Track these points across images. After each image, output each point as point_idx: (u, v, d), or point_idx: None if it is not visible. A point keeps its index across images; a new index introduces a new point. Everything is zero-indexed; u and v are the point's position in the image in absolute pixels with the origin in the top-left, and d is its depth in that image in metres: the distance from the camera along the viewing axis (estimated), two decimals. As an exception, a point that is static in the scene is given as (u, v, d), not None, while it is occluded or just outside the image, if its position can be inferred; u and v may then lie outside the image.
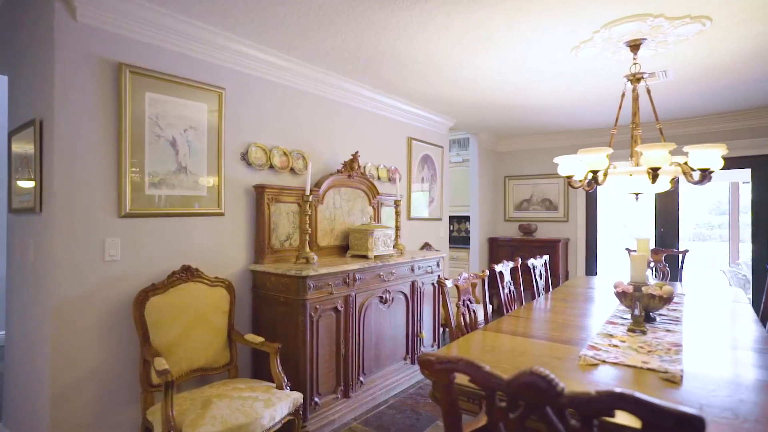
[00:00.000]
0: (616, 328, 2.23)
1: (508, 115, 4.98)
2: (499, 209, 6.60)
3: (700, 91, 4.02)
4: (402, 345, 3.57)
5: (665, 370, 1.63)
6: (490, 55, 3.15)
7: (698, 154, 2.32)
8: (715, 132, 4.97)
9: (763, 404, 1.38)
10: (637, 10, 2.47)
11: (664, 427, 0.76)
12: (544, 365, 1.75)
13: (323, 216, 3.47)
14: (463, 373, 0.98)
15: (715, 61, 3.24)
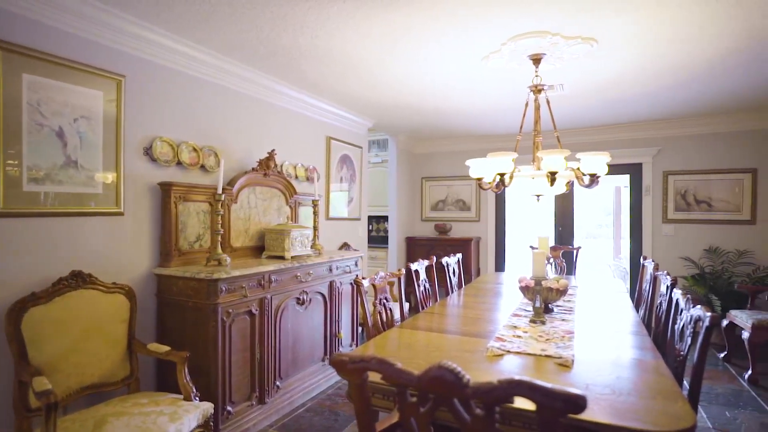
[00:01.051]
0: (520, 320, 2.41)
1: (425, 119, 5.16)
2: (416, 209, 6.81)
3: (590, 104, 4.49)
4: (320, 346, 3.53)
5: (560, 356, 1.79)
6: (408, 59, 3.23)
7: (588, 160, 2.59)
8: (602, 141, 5.58)
9: (635, 379, 1.58)
10: (539, 28, 2.69)
11: (554, 407, 0.83)
12: (456, 358, 1.84)
13: (237, 216, 3.32)
14: (376, 371, 0.99)
15: (601, 78, 3.63)
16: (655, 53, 3.10)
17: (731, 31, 2.73)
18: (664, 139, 5.36)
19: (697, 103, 4.47)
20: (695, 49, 3.03)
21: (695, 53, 3.10)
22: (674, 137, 5.32)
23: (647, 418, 1.29)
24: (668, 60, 3.23)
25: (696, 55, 3.14)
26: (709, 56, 3.16)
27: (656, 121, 5.23)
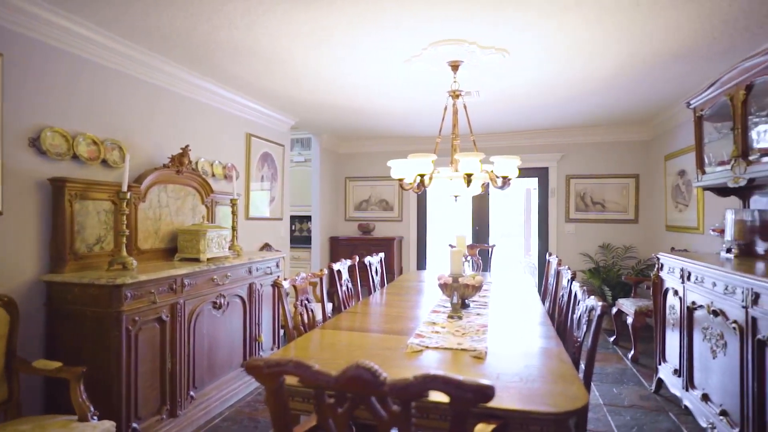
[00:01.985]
0: (439, 316, 2.50)
1: (349, 118, 5.16)
2: (339, 209, 6.79)
3: (503, 111, 4.79)
4: (239, 351, 3.39)
5: (474, 349, 1.89)
6: (331, 59, 3.21)
7: (501, 163, 2.76)
8: (514, 146, 5.98)
9: (540, 366, 1.72)
10: (458, 36, 2.81)
11: (465, 398, 0.87)
12: (377, 356, 1.86)
13: (146, 216, 3.07)
14: (293, 374, 0.97)
15: (513, 87, 3.90)
16: (559, 67, 3.39)
17: (620, 53, 3.07)
18: (567, 145, 5.89)
19: (594, 115, 4.96)
20: (592, 67, 3.36)
21: (592, 70, 3.44)
22: (576, 144, 5.86)
23: (549, 400, 1.40)
24: (570, 74, 3.55)
25: (593, 72, 3.49)
26: (603, 74, 3.52)
27: (561, 128, 5.73)
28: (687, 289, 2.89)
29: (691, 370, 2.86)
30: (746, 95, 2.46)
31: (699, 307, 2.71)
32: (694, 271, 2.79)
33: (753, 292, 2.14)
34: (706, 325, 2.62)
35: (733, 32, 2.73)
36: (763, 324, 2.07)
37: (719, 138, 2.91)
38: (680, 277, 3.00)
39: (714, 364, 2.54)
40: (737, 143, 2.55)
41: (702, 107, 3.05)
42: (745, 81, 2.45)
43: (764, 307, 2.05)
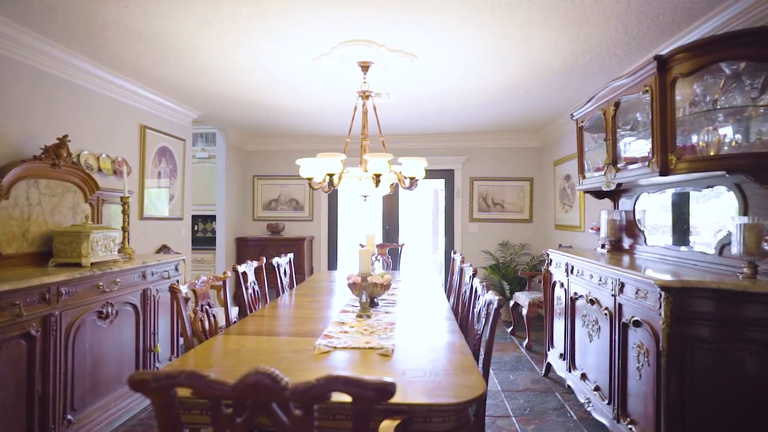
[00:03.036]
0: (348, 316, 2.50)
1: (257, 114, 4.97)
2: (247, 208, 6.51)
3: (412, 113, 4.95)
4: (131, 364, 3.08)
5: (381, 347, 1.92)
6: (239, 50, 3.06)
7: (408, 164, 2.84)
8: (423, 148, 6.21)
9: (443, 360, 1.80)
10: (369, 37, 2.84)
11: (367, 397, 0.88)
12: (283, 360, 1.81)
13: (9, 215, 2.66)
14: (186, 386, 0.90)
15: (421, 91, 4.04)
16: (464, 75, 3.59)
17: (517, 66, 3.33)
18: (471, 149, 6.26)
19: (495, 121, 5.33)
20: (493, 77, 3.61)
21: (493, 80, 3.69)
22: (479, 148, 6.25)
23: (450, 392, 1.47)
24: (474, 83, 3.78)
25: (494, 82, 3.75)
26: (502, 85, 3.80)
27: (466, 133, 6.07)
28: (570, 281, 3.23)
29: (573, 353, 3.20)
30: (615, 111, 2.82)
31: (580, 297, 3.04)
32: (576, 265, 3.13)
33: (620, 282, 2.45)
34: (585, 313, 2.95)
35: (605, 55, 3.11)
36: (627, 309, 2.38)
37: (596, 147, 3.29)
38: (565, 270, 3.34)
39: (591, 347, 2.86)
40: (609, 152, 2.90)
41: (582, 119, 3.43)
42: (614, 98, 2.80)
43: (628, 295, 2.36)
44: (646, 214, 3.24)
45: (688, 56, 2.18)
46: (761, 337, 1.88)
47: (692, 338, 1.98)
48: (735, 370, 1.93)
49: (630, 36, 2.80)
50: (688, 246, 2.73)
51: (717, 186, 2.50)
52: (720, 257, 2.41)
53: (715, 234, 2.50)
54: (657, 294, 2.06)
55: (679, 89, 2.29)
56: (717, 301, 1.94)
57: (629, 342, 2.36)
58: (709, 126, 2.26)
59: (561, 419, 2.99)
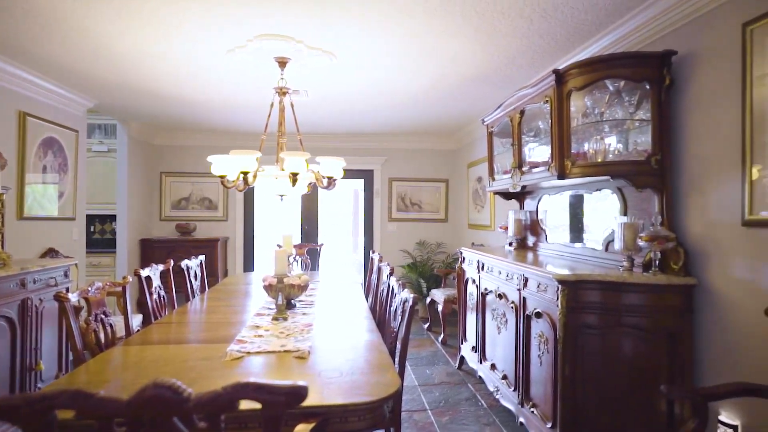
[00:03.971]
0: (263, 319, 2.42)
1: (165, 106, 4.61)
2: (154, 207, 6.03)
3: (332, 113, 4.92)
4: (3, 388, 2.69)
5: (297, 349, 1.88)
6: (144, 35, 2.81)
7: (326, 164, 2.82)
8: (342, 147, 6.20)
9: (359, 359, 1.81)
10: (287, 32, 2.76)
11: (278, 402, 0.85)
12: (191, 369, 1.70)
13: None
14: (69, 408, 0.80)
15: (341, 90, 4.03)
16: (382, 77, 3.64)
17: (433, 71, 3.45)
18: (390, 150, 6.37)
19: (413, 123, 5.48)
20: (412, 80, 3.70)
21: (411, 83, 3.79)
22: (397, 149, 6.38)
23: (366, 391, 1.48)
24: (392, 85, 3.85)
25: (413, 85, 3.85)
26: (419, 88, 3.91)
27: (385, 134, 6.17)
28: (482, 278, 3.43)
29: (483, 345, 3.40)
30: (521, 118, 3.05)
31: (490, 293, 3.24)
32: (486, 263, 3.32)
33: (524, 277, 2.65)
34: (495, 307, 3.15)
35: (512, 66, 3.34)
36: (530, 302, 2.58)
37: (504, 151, 3.53)
38: (477, 268, 3.53)
39: (499, 339, 3.06)
40: (515, 156, 3.13)
41: (492, 125, 3.65)
42: (520, 106, 3.02)
43: (531, 289, 2.56)
44: (547, 214, 3.53)
45: (580, 72, 2.42)
46: (635, 322, 2.15)
47: (583, 325, 2.20)
48: (616, 351, 2.18)
49: (533, 50, 3.04)
50: (582, 243, 3.03)
51: (604, 189, 2.81)
52: (606, 253, 2.70)
53: (603, 232, 2.80)
54: (555, 287, 2.26)
55: (574, 101, 2.53)
56: (602, 292, 2.18)
57: (532, 332, 2.57)
58: (598, 135, 2.53)
59: (473, 408, 3.15)
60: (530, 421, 2.56)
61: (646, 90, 2.34)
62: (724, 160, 2.05)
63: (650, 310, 2.15)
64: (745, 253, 1.96)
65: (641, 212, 2.47)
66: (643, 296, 2.15)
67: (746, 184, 1.93)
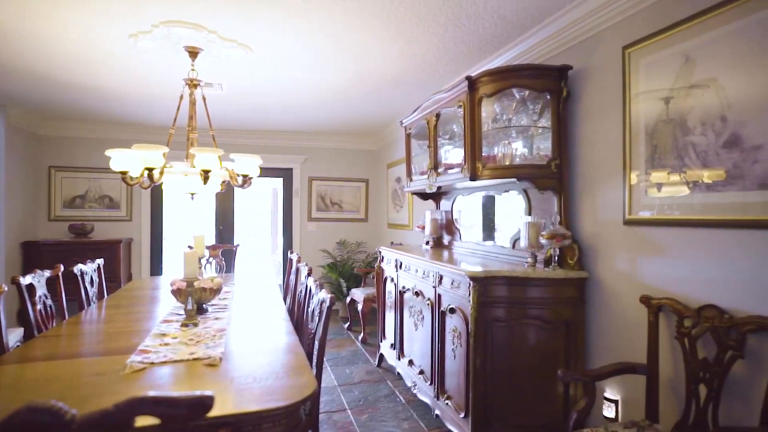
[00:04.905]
0: (170, 326, 2.25)
1: (54, 92, 4.11)
2: (41, 206, 5.35)
3: (249, 108, 4.72)
4: None
5: (208, 356, 1.78)
6: (28, 11, 2.47)
7: (241, 161, 2.70)
8: (260, 145, 5.99)
9: (275, 363, 1.75)
10: (197, 20, 2.59)
11: (179, 416, 0.80)
12: (82, 386, 1.53)
13: None
14: None
15: (258, 85, 3.88)
16: (302, 74, 3.57)
17: (353, 71, 3.46)
18: (310, 149, 6.28)
19: (333, 122, 5.45)
20: (330, 79, 3.67)
21: (330, 82, 3.76)
22: (317, 148, 6.31)
23: (280, 395, 1.44)
24: (312, 83, 3.79)
25: (331, 84, 3.82)
26: (338, 87, 3.90)
27: (305, 132, 6.06)
28: (400, 276, 3.50)
29: (402, 342, 3.48)
30: (436, 121, 3.16)
31: (407, 290, 3.32)
32: (404, 261, 3.41)
33: (439, 274, 2.76)
34: (412, 305, 3.24)
35: (429, 69, 3.46)
36: (445, 298, 2.69)
37: (421, 153, 3.64)
38: (395, 266, 3.60)
39: (416, 335, 3.15)
40: (431, 158, 3.24)
41: (410, 126, 3.75)
42: (436, 110, 3.14)
43: (445, 286, 2.68)
44: (461, 214, 3.71)
45: (490, 80, 2.57)
46: (538, 314, 2.33)
47: (493, 319, 2.34)
48: (522, 342, 2.35)
49: (449, 56, 3.17)
50: (493, 241, 3.23)
51: (512, 190, 3.01)
52: (513, 250, 2.90)
53: (512, 231, 3.00)
54: (467, 284, 2.37)
55: (484, 107, 2.68)
56: (509, 287, 2.34)
57: (447, 327, 2.68)
58: (506, 140, 2.71)
59: (391, 404, 3.21)
60: (445, 413, 2.67)
61: (547, 100, 2.55)
62: (610, 166, 2.30)
63: (551, 302, 2.34)
64: (625, 248, 2.21)
65: (543, 212, 2.69)
66: (545, 289, 2.34)
67: (627, 187, 2.18)
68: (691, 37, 1.87)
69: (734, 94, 1.71)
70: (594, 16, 2.35)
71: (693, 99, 1.86)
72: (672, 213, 1.95)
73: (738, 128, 1.69)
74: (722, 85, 1.75)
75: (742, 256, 1.70)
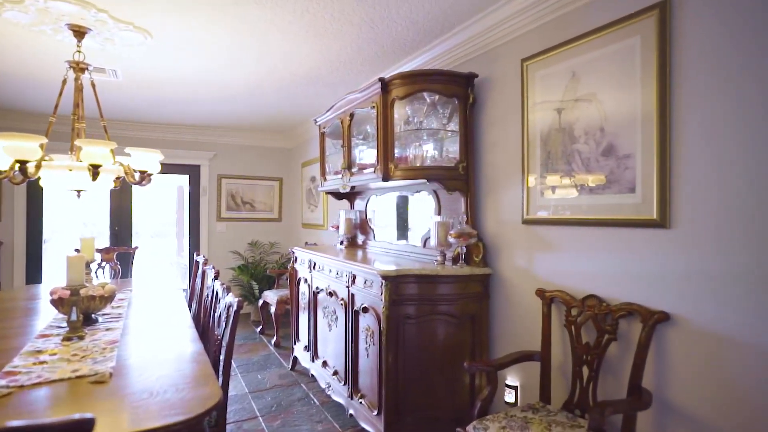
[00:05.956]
0: (49, 341, 1.99)
1: None
2: None
3: (148, 99, 4.34)
4: None
5: (95, 372, 1.59)
6: None
7: (139, 156, 2.47)
8: (164, 139, 5.54)
9: (175, 374, 1.62)
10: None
11: (51, 445, 0.70)
12: (-72, 418, 1.29)
13: None
14: None
15: (159, 74, 3.58)
16: (210, 66, 3.35)
17: (269, 64, 3.33)
18: (220, 145, 5.95)
19: (245, 118, 5.21)
20: (239, 72, 3.50)
21: (240, 76, 3.59)
22: (227, 144, 5.99)
23: (181, 409, 1.34)
24: (220, 76, 3.58)
25: (243, 78, 3.64)
26: (249, 82, 3.73)
27: (214, 127, 5.72)
28: (313, 276, 3.45)
29: (316, 344, 3.43)
30: (350, 121, 3.17)
31: (321, 291, 3.28)
32: (318, 261, 3.36)
33: (352, 274, 2.76)
34: (326, 305, 3.21)
35: (344, 69, 3.45)
36: (358, 298, 2.70)
37: (336, 152, 3.62)
38: (308, 267, 3.54)
39: (330, 336, 3.13)
40: (345, 158, 3.24)
41: (325, 125, 3.71)
42: (350, 110, 3.14)
43: (358, 285, 2.69)
44: (375, 213, 3.76)
45: (402, 82, 2.63)
46: (447, 309, 2.44)
47: (404, 316, 2.40)
48: (432, 337, 2.44)
49: (363, 57, 3.19)
50: (407, 240, 3.31)
51: (423, 191, 3.12)
52: (424, 248, 3.01)
53: (423, 230, 3.10)
54: (380, 282, 2.41)
55: (397, 109, 2.74)
56: (420, 285, 2.41)
57: (360, 326, 2.69)
58: (417, 142, 2.79)
59: (305, 408, 3.15)
60: (359, 412, 2.68)
61: (455, 105, 2.68)
62: (511, 169, 2.48)
63: (458, 298, 2.46)
64: (524, 246, 2.40)
65: (452, 212, 2.82)
66: (453, 286, 2.45)
67: (525, 189, 2.37)
68: (577, 55, 2.08)
69: (610, 109, 1.93)
70: (497, 29, 2.51)
71: (578, 111, 2.08)
72: (564, 213, 2.16)
73: (613, 139, 1.92)
74: (601, 100, 1.97)
75: (616, 250, 1.93)
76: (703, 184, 1.63)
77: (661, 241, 1.77)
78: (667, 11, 1.72)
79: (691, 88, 1.67)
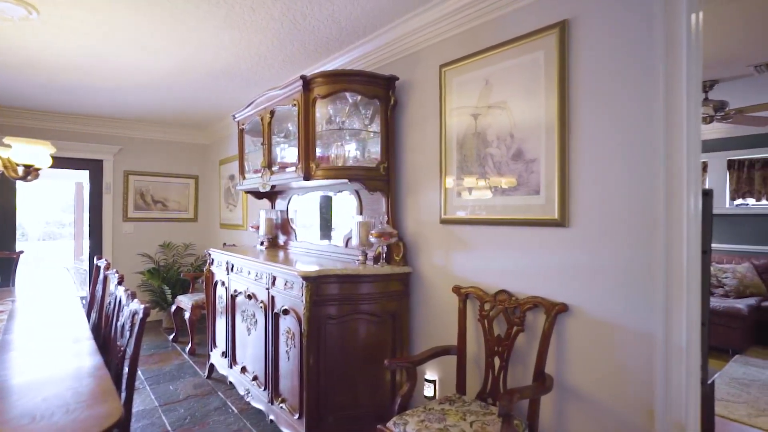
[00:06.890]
0: None
1: None
2: None
3: (34, 83, 3.85)
4: None
5: (-36, 397, 1.38)
6: None
7: (22, 149, 2.19)
8: (58, 130, 4.94)
9: (66, 393, 1.46)
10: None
11: None
12: None
13: None
14: None
15: (46, 56, 3.19)
16: (116, 52, 3.06)
17: (174, 55, 3.11)
18: (127, 139, 5.46)
19: (157, 111, 4.83)
20: (148, 62, 3.24)
21: (148, 65, 3.31)
22: (136, 139, 5.52)
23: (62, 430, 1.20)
24: (124, 63, 3.28)
25: (150, 67, 3.37)
26: (157, 73, 3.47)
27: (119, 119, 5.23)
28: (231, 279, 3.30)
29: (234, 349, 3.28)
30: (271, 118, 3.07)
31: (240, 294, 3.15)
32: (236, 263, 3.22)
33: (272, 276, 2.68)
34: (245, 309, 3.08)
35: (265, 64, 3.34)
36: (278, 300, 2.63)
37: (256, 150, 3.49)
38: (226, 269, 3.38)
39: (249, 340, 3.01)
40: (265, 156, 3.13)
41: (244, 122, 3.56)
42: (270, 107, 3.05)
43: (278, 287, 2.62)
44: (297, 213, 3.68)
45: (324, 81, 2.61)
46: (368, 308, 2.46)
47: (325, 317, 2.38)
48: (353, 336, 2.44)
49: (284, 53, 3.11)
50: (329, 240, 3.28)
51: (345, 191, 3.11)
52: (346, 248, 3.00)
53: (346, 230, 3.10)
54: (300, 284, 2.36)
55: (319, 108, 2.71)
56: (341, 285, 2.41)
57: (280, 329, 2.62)
58: (339, 142, 2.78)
59: (222, 417, 3.00)
60: (279, 417, 2.61)
61: (377, 106, 2.71)
62: (430, 170, 2.56)
63: (379, 297, 2.49)
64: (441, 245, 2.49)
65: (374, 212, 2.84)
66: (374, 285, 2.48)
67: (442, 190, 2.46)
68: (491, 64, 2.20)
69: (518, 116, 2.07)
70: (417, 34, 2.58)
71: (491, 117, 2.20)
72: (480, 213, 2.27)
73: (521, 144, 2.06)
74: (510, 108, 2.11)
75: (525, 248, 2.08)
76: (591, 187, 1.82)
77: (561, 239, 1.93)
78: (566, 30, 1.88)
79: (583, 101, 1.84)
